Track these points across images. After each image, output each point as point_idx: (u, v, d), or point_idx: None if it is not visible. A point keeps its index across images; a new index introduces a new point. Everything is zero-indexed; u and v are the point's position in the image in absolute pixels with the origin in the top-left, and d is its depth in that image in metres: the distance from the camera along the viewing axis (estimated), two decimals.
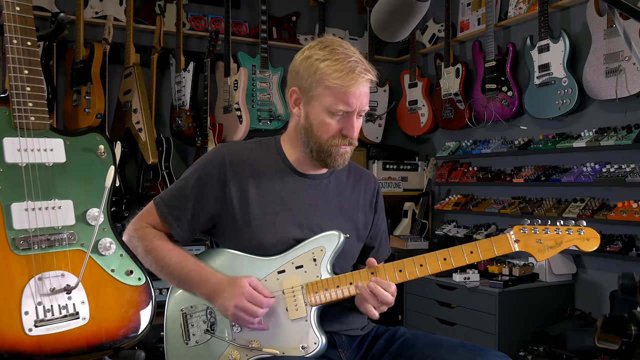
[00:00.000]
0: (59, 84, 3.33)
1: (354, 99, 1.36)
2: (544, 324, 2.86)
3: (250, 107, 3.73)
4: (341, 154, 1.42)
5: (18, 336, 1.26)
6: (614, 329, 0.97)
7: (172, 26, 3.62)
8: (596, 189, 2.93)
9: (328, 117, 1.38)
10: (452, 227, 3.77)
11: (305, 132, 1.42)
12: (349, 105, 1.36)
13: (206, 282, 1.39)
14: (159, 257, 1.43)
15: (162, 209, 1.47)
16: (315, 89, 1.37)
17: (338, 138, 1.39)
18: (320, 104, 1.37)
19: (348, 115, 1.38)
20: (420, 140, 4.31)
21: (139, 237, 1.47)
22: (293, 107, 1.45)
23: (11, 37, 1.36)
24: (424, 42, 4.23)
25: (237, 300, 1.32)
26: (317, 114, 1.38)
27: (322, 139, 1.39)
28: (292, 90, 1.43)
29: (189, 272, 1.41)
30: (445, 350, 1.37)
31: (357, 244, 1.55)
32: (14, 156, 1.33)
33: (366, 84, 1.36)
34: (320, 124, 1.39)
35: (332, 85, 1.34)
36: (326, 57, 1.35)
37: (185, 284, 1.42)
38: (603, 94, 2.79)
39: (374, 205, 1.60)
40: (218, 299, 1.37)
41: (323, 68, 1.35)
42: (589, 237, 1.37)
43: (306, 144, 1.43)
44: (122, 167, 3.42)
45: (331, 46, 1.37)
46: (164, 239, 1.47)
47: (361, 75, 1.35)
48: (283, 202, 1.45)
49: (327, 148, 1.40)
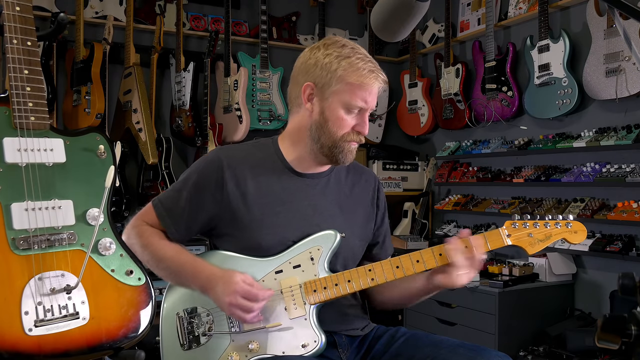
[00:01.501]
0: (59, 84, 3.33)
1: (371, 97, 1.41)
2: (544, 324, 2.86)
3: (250, 107, 3.73)
4: (352, 150, 1.45)
5: (18, 336, 1.26)
6: (614, 329, 0.97)
7: (172, 26, 3.62)
8: (596, 189, 2.93)
9: (345, 113, 1.41)
10: (452, 227, 3.77)
11: (318, 128, 1.43)
12: (366, 103, 1.40)
13: (200, 273, 1.39)
14: (155, 252, 1.44)
15: (160, 211, 1.48)
16: (335, 85, 1.40)
17: (352, 134, 1.43)
18: (339, 99, 1.40)
19: (362, 112, 1.42)
20: (420, 140, 4.31)
21: (137, 234, 1.48)
22: (305, 102, 1.45)
23: (11, 37, 1.36)
24: (424, 42, 4.23)
25: (231, 298, 1.32)
26: (334, 109, 1.41)
27: (337, 134, 1.41)
28: (306, 85, 1.44)
29: (183, 264, 1.41)
30: (446, 350, 1.37)
31: (360, 243, 1.54)
32: (14, 156, 1.33)
33: (382, 84, 1.42)
34: (336, 119, 1.41)
35: (354, 82, 1.38)
36: (348, 55, 1.40)
37: (179, 277, 1.43)
38: (603, 94, 2.79)
39: (376, 202, 1.60)
40: (212, 292, 1.37)
41: (346, 65, 1.38)
42: (576, 230, 1.41)
43: (316, 140, 1.44)
44: (122, 167, 3.42)
45: (350, 46, 1.42)
46: (161, 236, 1.48)
47: (379, 75, 1.40)
48: (282, 203, 1.45)
49: (341, 144, 1.42)
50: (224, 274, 1.36)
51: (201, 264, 1.41)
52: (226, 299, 1.32)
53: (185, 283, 1.43)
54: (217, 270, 1.38)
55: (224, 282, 1.34)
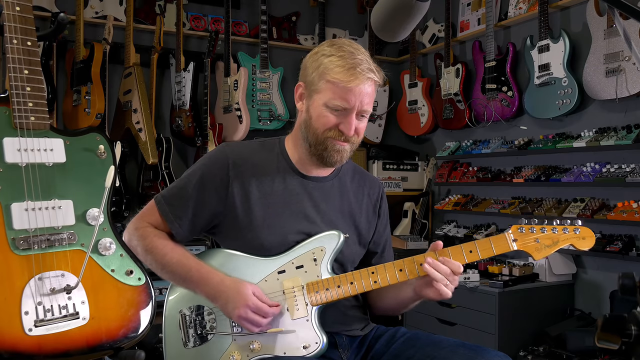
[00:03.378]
0: (59, 84, 3.33)
1: (353, 96, 1.36)
2: (544, 324, 2.86)
3: (250, 107, 3.73)
4: (337, 149, 1.41)
5: (18, 336, 1.26)
6: (614, 329, 0.97)
7: (172, 26, 3.62)
8: (596, 189, 2.93)
9: (326, 111, 1.39)
10: (452, 227, 3.77)
11: (305, 126, 1.44)
12: (347, 102, 1.36)
13: (207, 281, 1.38)
14: (160, 256, 1.43)
15: (163, 207, 1.47)
16: (317, 83, 1.39)
17: (334, 131, 1.40)
18: (320, 97, 1.39)
19: (347, 112, 1.38)
20: (420, 140, 4.31)
21: (139, 237, 1.46)
22: (297, 101, 1.47)
23: (11, 37, 1.36)
24: (424, 42, 4.23)
25: (241, 311, 1.32)
26: (317, 107, 1.40)
27: (319, 131, 1.40)
28: (298, 85, 1.46)
29: (189, 270, 1.40)
30: (446, 350, 1.37)
31: (359, 248, 1.54)
32: (14, 156, 1.33)
33: (368, 83, 1.37)
34: (318, 116, 1.40)
35: (332, 79, 1.36)
36: (332, 53, 1.38)
37: (185, 282, 1.42)
38: (603, 94, 2.79)
39: (378, 210, 1.59)
40: (220, 302, 1.36)
41: (326, 63, 1.37)
42: (584, 236, 1.38)
43: (305, 139, 1.44)
44: (122, 167, 3.42)
45: (339, 44, 1.41)
46: (164, 237, 1.46)
47: (363, 73, 1.36)
48: (285, 204, 1.45)
49: (323, 140, 1.40)
50: (234, 284, 1.36)
51: (208, 271, 1.40)
52: (236, 312, 1.33)
53: (191, 288, 1.42)
54: (226, 279, 1.38)
55: (235, 293, 1.34)
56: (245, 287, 1.34)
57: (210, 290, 1.38)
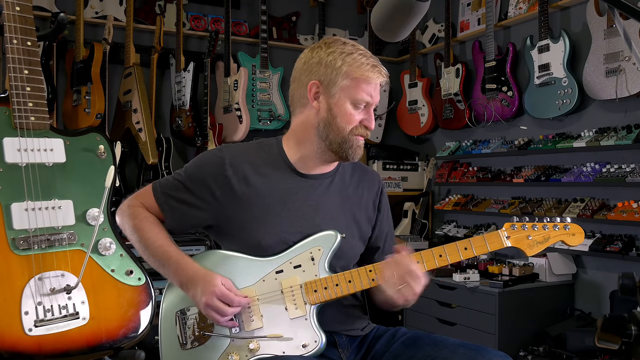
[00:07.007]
0: (59, 84, 3.33)
1: (375, 91, 1.45)
2: (544, 324, 2.86)
3: (250, 107, 3.73)
4: (360, 145, 1.47)
5: (18, 336, 1.26)
6: (614, 329, 0.97)
7: (172, 26, 3.62)
8: (596, 189, 2.93)
9: (352, 108, 1.43)
10: (452, 227, 3.77)
11: (326, 125, 1.44)
12: (372, 97, 1.43)
13: (183, 270, 1.40)
14: (144, 238, 1.44)
15: (159, 196, 1.48)
16: (341, 81, 1.42)
17: (360, 128, 1.45)
18: (346, 95, 1.42)
19: (368, 107, 1.45)
20: (420, 140, 4.31)
21: (130, 215, 1.47)
22: (312, 100, 1.45)
23: (11, 37, 1.36)
24: (424, 42, 4.23)
25: (207, 298, 1.34)
26: (342, 105, 1.42)
27: (346, 130, 1.43)
28: (311, 83, 1.45)
29: (169, 257, 1.42)
30: (446, 350, 1.36)
31: (359, 244, 1.54)
32: (14, 156, 1.33)
33: (385, 78, 1.45)
34: (344, 114, 1.43)
35: (359, 77, 1.41)
36: (351, 52, 1.42)
37: (164, 267, 1.43)
38: (603, 94, 2.79)
39: (378, 205, 1.59)
40: (191, 291, 1.38)
41: (350, 61, 1.41)
42: (574, 232, 1.43)
43: (324, 138, 1.45)
44: (122, 167, 3.42)
45: (350, 43, 1.45)
46: (154, 222, 1.47)
47: (382, 70, 1.44)
48: (283, 203, 1.45)
49: (350, 138, 1.44)
50: (207, 274, 1.38)
51: (186, 261, 1.41)
52: (203, 299, 1.34)
53: (166, 274, 1.44)
54: (201, 271, 1.39)
55: (205, 282, 1.35)
56: (214, 277, 1.36)
57: (183, 278, 1.39)
